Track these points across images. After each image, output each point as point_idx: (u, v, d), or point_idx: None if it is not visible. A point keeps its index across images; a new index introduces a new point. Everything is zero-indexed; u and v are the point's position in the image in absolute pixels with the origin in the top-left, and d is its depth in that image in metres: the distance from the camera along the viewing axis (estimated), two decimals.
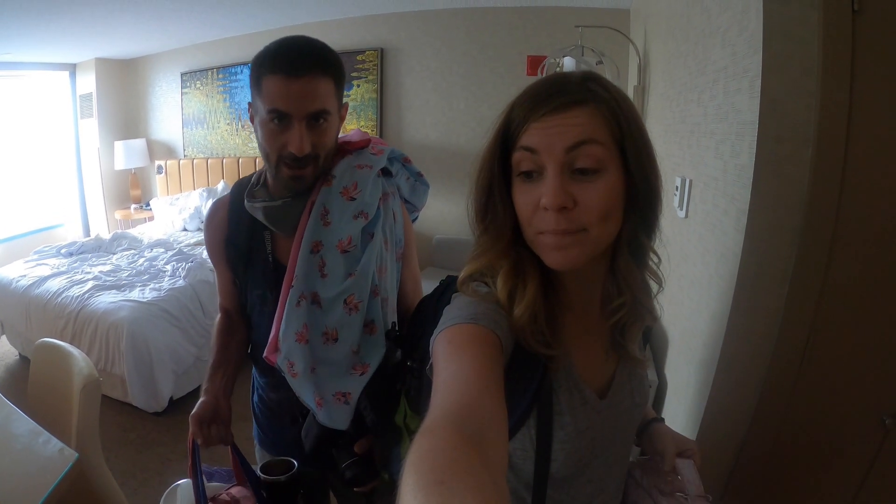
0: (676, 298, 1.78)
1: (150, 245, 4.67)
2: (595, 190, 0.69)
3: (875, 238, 1.13)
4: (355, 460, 1.23)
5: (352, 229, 1.21)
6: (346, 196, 1.22)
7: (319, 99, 1.12)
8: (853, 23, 1.05)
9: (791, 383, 1.23)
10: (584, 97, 0.70)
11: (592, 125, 0.69)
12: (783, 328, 1.18)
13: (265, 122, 1.13)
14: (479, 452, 0.48)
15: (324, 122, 1.15)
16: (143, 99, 6.26)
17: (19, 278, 3.90)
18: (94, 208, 6.33)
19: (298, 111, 1.10)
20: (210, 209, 1.38)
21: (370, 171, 1.26)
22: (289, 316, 1.19)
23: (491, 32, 4.30)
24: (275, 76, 1.09)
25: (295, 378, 1.20)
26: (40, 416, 1.80)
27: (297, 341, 1.19)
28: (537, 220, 0.72)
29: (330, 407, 1.22)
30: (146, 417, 3.35)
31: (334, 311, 1.21)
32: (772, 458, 1.31)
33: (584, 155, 0.69)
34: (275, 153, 1.15)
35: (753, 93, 1.13)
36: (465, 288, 0.81)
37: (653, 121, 2.59)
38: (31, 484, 1.44)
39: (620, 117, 0.71)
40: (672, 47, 2.08)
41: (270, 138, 1.14)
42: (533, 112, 0.71)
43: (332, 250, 1.21)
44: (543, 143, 0.70)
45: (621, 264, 0.78)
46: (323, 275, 1.21)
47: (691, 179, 1.64)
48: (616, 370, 0.87)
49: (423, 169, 1.42)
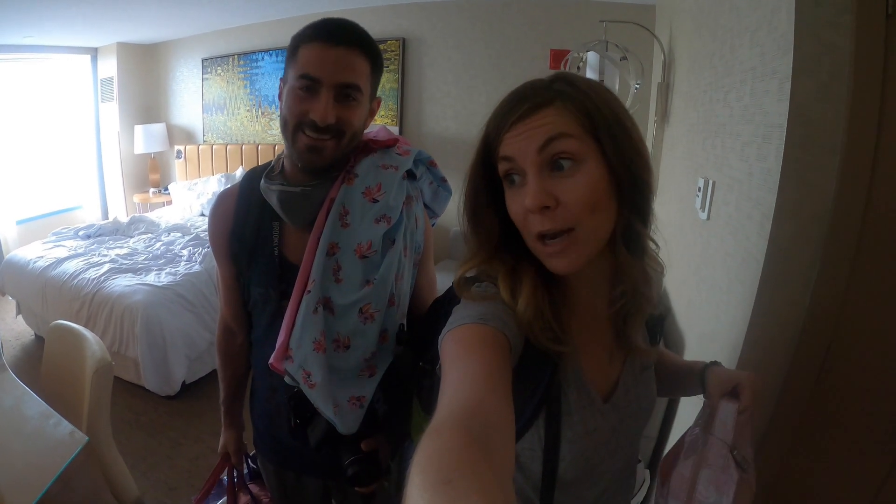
0: (695, 301, 1.75)
1: (168, 229, 4.71)
2: (574, 184, 0.70)
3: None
4: (359, 457, 1.20)
5: (373, 234, 1.15)
6: (368, 197, 1.16)
7: (353, 72, 1.09)
8: (887, 27, 1.01)
9: (808, 396, 1.20)
10: (547, 98, 0.72)
11: (560, 121, 0.71)
12: (803, 339, 1.15)
13: (292, 89, 1.08)
14: (486, 453, 0.48)
15: (353, 100, 1.10)
16: (163, 84, 6.31)
17: (36, 259, 3.95)
18: (112, 191, 6.40)
19: (329, 77, 1.06)
20: (217, 198, 1.29)
21: (395, 172, 1.19)
22: (305, 323, 1.12)
23: (514, 25, 4.25)
24: (313, 43, 1.06)
25: (313, 389, 1.14)
26: (52, 398, 1.82)
27: (315, 350, 1.13)
28: (529, 224, 0.74)
29: (344, 412, 1.18)
30: (159, 401, 3.39)
31: (348, 319, 1.16)
32: (786, 471, 1.28)
33: (555, 150, 0.70)
34: (295, 119, 1.08)
35: (782, 95, 1.10)
36: (462, 290, 0.82)
37: (675, 120, 2.54)
38: (41, 466, 1.46)
39: (591, 108, 0.72)
40: (698, 45, 2.04)
41: (294, 104, 1.08)
42: (503, 123, 0.74)
43: (349, 254, 1.15)
44: (517, 150, 0.72)
45: (618, 254, 0.78)
46: (338, 279, 1.15)
47: (714, 181, 1.60)
48: (621, 374, 0.88)
49: (441, 161, 1.38)
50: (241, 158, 5.59)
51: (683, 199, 2.04)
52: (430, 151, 1.39)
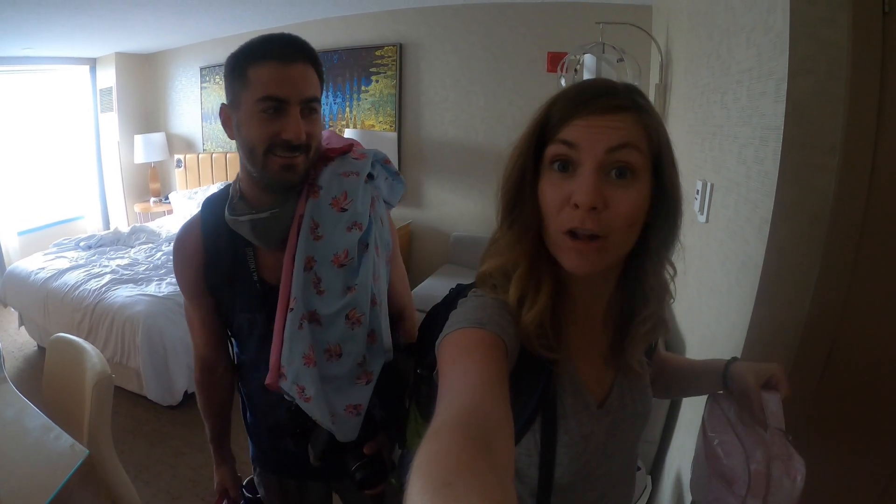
0: (695, 305, 1.74)
1: (168, 239, 4.71)
2: (627, 196, 0.70)
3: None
4: (364, 462, 1.24)
5: (347, 242, 1.16)
6: (336, 207, 1.16)
7: (313, 86, 1.10)
8: (884, 24, 1.00)
9: (811, 398, 1.19)
10: (630, 105, 0.71)
11: (635, 132, 0.70)
12: (804, 341, 1.14)
13: (254, 114, 1.07)
14: (486, 455, 0.48)
15: (315, 113, 1.12)
16: (162, 93, 6.32)
17: (38, 270, 3.96)
18: (113, 201, 6.41)
19: (295, 96, 1.06)
20: (178, 236, 1.27)
21: (357, 178, 1.19)
22: (291, 340, 1.14)
23: (511, 28, 4.24)
24: (267, 63, 1.05)
25: (309, 402, 1.16)
26: (54, 411, 1.82)
27: (306, 364, 1.15)
28: (563, 217, 0.72)
29: (342, 421, 1.21)
30: (161, 411, 3.39)
31: (335, 327, 1.17)
32: None
33: (623, 157, 0.69)
34: (265, 143, 1.08)
35: (779, 96, 1.09)
36: (484, 285, 0.82)
37: (674, 121, 2.54)
38: (42, 479, 1.46)
39: (660, 131, 0.73)
40: (695, 45, 2.03)
41: (261, 128, 1.07)
42: (578, 109, 0.71)
43: (326, 265, 1.16)
44: (585, 140, 0.70)
45: (650, 276, 0.79)
46: (319, 291, 1.16)
47: (713, 183, 1.60)
48: (615, 380, 0.88)
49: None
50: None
51: (682, 201, 2.02)
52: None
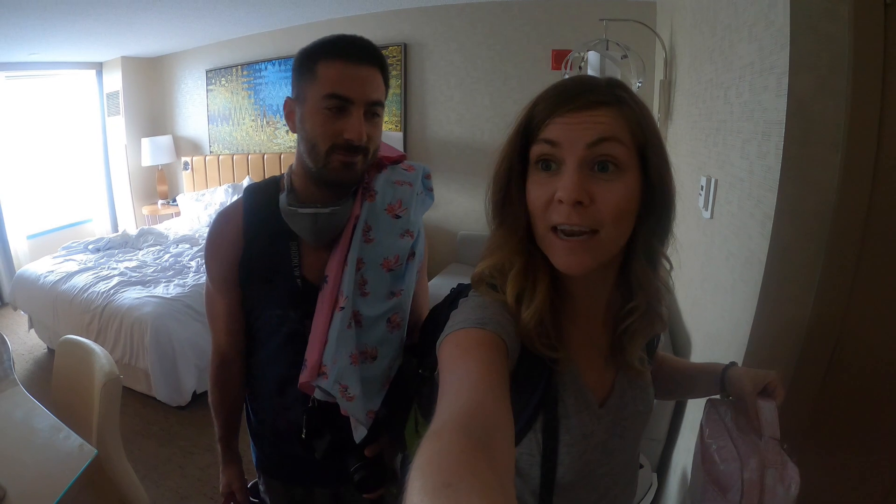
0: (700, 301, 1.73)
1: (176, 241, 4.74)
2: (612, 189, 0.70)
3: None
4: (364, 463, 1.24)
5: (399, 248, 1.19)
6: (391, 213, 1.19)
7: (378, 90, 1.11)
8: (885, 17, 0.99)
9: (815, 396, 1.18)
10: (610, 99, 0.71)
11: (617, 125, 0.70)
12: (808, 338, 1.13)
13: (318, 110, 1.07)
14: (486, 455, 0.47)
15: (377, 117, 1.12)
16: (168, 96, 6.35)
17: (47, 273, 3.99)
18: (121, 204, 6.45)
19: (360, 96, 1.07)
20: (216, 222, 1.23)
21: (411, 189, 1.22)
22: (340, 338, 1.14)
23: (515, 27, 4.25)
24: (337, 61, 1.06)
25: (352, 401, 1.16)
26: (63, 412, 1.84)
27: (352, 364, 1.16)
28: (550, 213, 0.72)
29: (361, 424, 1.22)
30: (169, 411, 3.41)
31: (376, 330, 1.19)
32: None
33: (605, 151, 0.69)
34: (328, 141, 1.07)
35: (780, 91, 1.08)
36: (479, 286, 0.81)
37: (678, 117, 2.53)
38: (51, 479, 1.47)
39: (643, 123, 0.72)
40: (698, 41, 2.03)
41: (324, 125, 1.07)
42: (558, 107, 0.72)
43: (374, 268, 1.18)
44: (566, 137, 0.70)
45: (637, 268, 0.78)
46: (364, 293, 1.18)
47: (717, 179, 1.59)
48: (616, 379, 0.88)
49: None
50: (247, 168, 5.61)
51: (687, 197, 2.02)
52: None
